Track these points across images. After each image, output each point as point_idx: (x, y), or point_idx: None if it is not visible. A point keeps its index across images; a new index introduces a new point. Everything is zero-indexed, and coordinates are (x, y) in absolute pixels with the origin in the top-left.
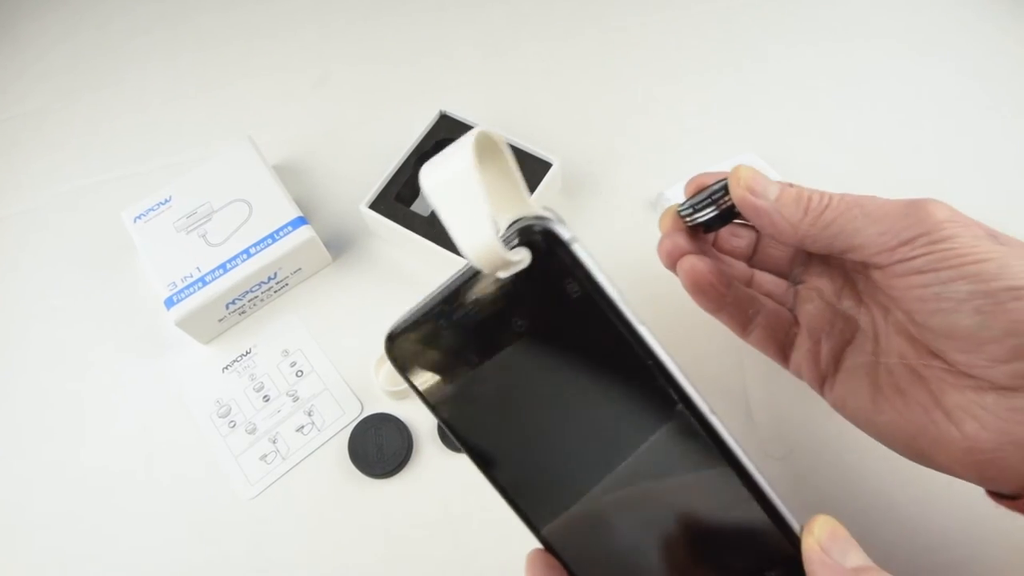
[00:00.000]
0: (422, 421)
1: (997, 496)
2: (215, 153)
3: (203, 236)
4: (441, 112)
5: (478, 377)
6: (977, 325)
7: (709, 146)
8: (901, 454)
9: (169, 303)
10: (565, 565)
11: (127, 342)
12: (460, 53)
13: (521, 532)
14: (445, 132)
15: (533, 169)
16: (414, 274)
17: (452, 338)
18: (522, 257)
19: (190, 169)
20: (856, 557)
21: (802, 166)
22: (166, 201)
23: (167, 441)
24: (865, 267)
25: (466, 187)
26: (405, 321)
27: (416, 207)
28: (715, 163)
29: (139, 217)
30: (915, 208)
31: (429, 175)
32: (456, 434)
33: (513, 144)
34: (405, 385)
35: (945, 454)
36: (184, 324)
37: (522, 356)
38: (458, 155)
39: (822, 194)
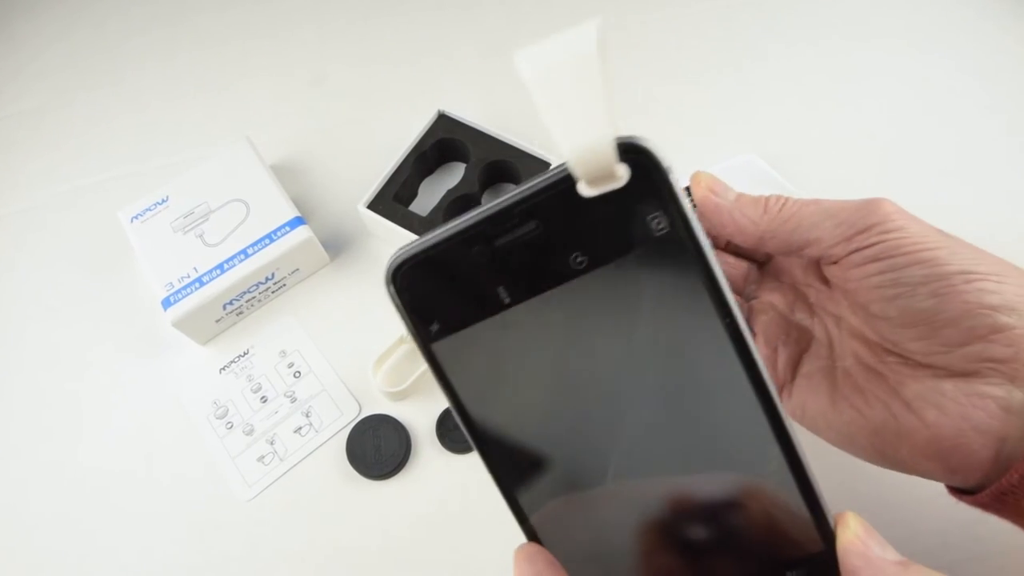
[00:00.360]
0: (420, 422)
1: (958, 492)
2: (212, 153)
3: (200, 236)
4: (439, 112)
5: (504, 323)
6: (933, 308)
7: (709, 146)
8: (863, 456)
9: (166, 303)
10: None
11: (124, 343)
12: (459, 53)
13: (520, 533)
14: (443, 132)
15: (532, 169)
16: None
17: (485, 269)
18: (623, 173)
19: (187, 169)
20: (893, 552)
21: (802, 166)
22: (163, 201)
23: (164, 442)
24: (819, 266)
25: (585, 75)
26: (425, 244)
27: (414, 207)
28: (715, 163)
29: (136, 217)
30: (867, 203)
31: (533, 58)
32: (461, 399)
33: (511, 144)
34: (404, 385)
35: (908, 447)
36: (181, 325)
37: (569, 300)
38: (577, 40)
39: (778, 196)
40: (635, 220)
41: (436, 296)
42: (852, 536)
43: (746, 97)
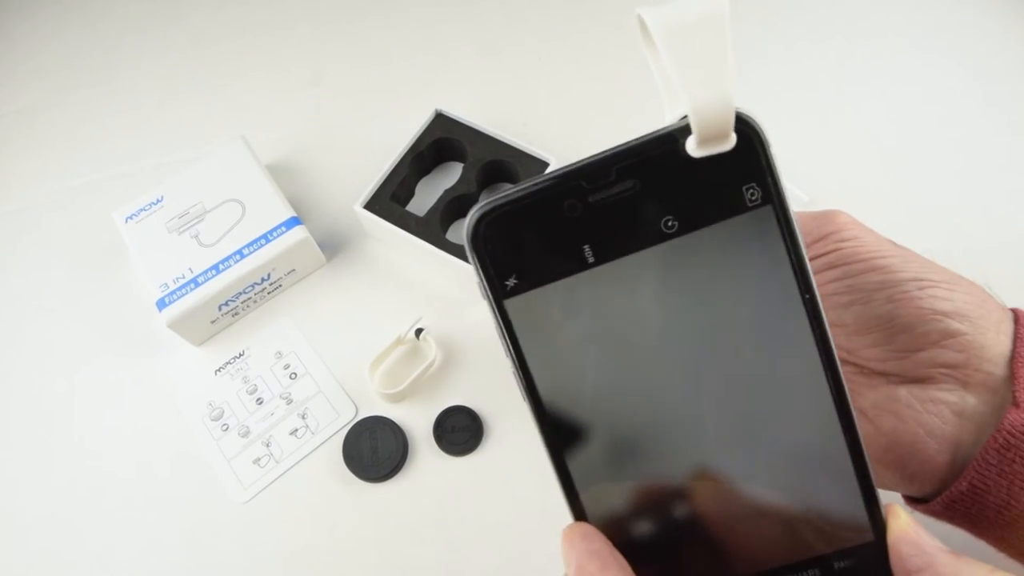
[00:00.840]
0: (418, 424)
1: (913, 502)
2: (208, 152)
3: (195, 236)
4: (437, 111)
5: (584, 282)
6: (888, 314)
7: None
8: None
9: (161, 304)
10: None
11: (118, 344)
12: (456, 51)
13: (518, 536)
14: (441, 131)
15: (530, 169)
16: (409, 275)
17: (574, 225)
18: (733, 138)
19: (182, 169)
20: (942, 544)
21: (802, 166)
22: (158, 201)
23: (159, 444)
24: None
25: (714, 33)
26: (516, 193)
27: (412, 207)
28: None
29: (131, 217)
30: (823, 213)
31: (661, 14)
32: (527, 362)
33: (509, 143)
34: (401, 387)
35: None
36: (176, 326)
37: (654, 264)
38: (709, 2)
39: None
40: (731, 189)
41: (518, 249)
42: (904, 525)
43: (746, 95)
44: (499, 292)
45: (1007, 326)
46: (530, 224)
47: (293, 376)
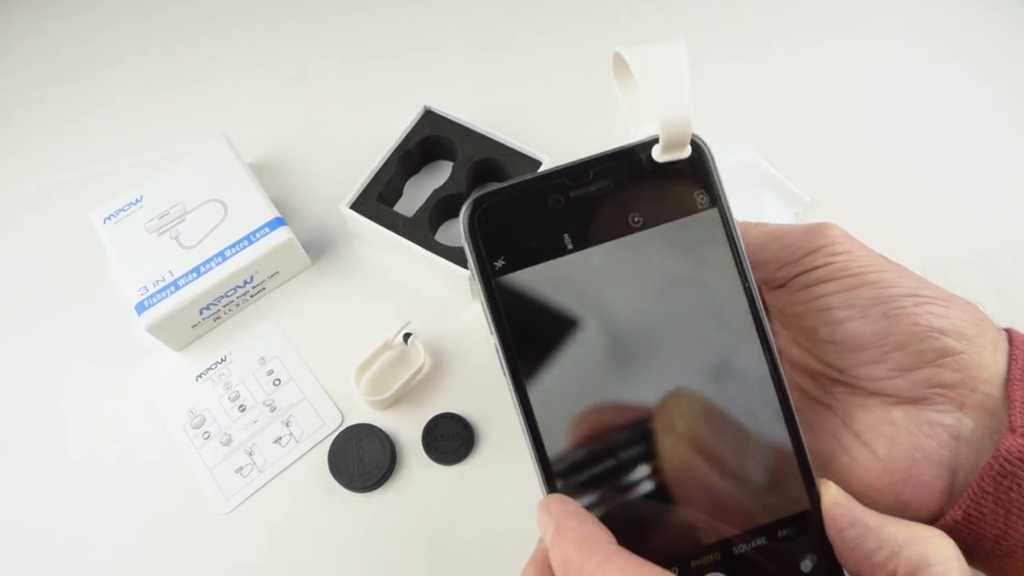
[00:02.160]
0: (406, 432)
1: None
2: (189, 151)
3: (176, 238)
4: (426, 108)
5: (563, 266)
6: (883, 330)
7: (708, 143)
8: None
9: (140, 308)
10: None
11: (96, 349)
12: (446, 46)
13: (511, 549)
14: (430, 129)
15: (522, 168)
16: (397, 278)
17: (557, 216)
18: (689, 150)
19: (162, 168)
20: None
21: (804, 164)
22: (137, 201)
23: (137, 452)
24: (762, 290)
25: (677, 66)
26: (508, 185)
27: (399, 208)
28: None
29: (109, 218)
30: (814, 226)
31: (637, 52)
32: (510, 336)
33: (500, 141)
34: (388, 393)
35: (859, 481)
36: (156, 330)
37: (623, 252)
38: (668, 43)
39: None
40: (685, 194)
41: (507, 235)
42: (836, 493)
43: (747, 94)
44: (488, 272)
45: (1002, 346)
46: (519, 213)
47: (277, 382)
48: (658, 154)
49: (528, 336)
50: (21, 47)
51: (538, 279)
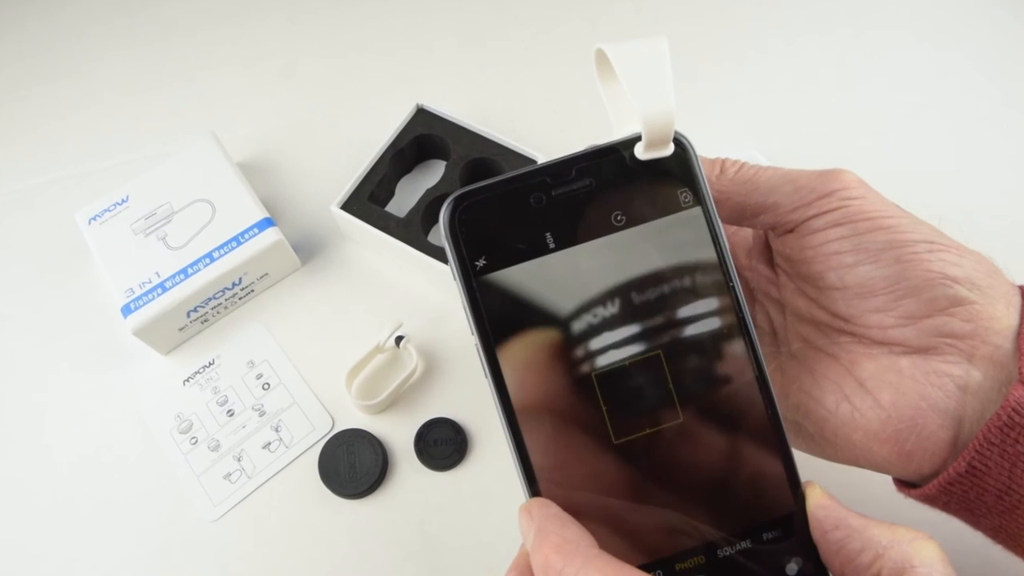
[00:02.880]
0: (398, 437)
1: (904, 486)
2: (176, 150)
3: (163, 239)
4: (418, 106)
5: (545, 265)
6: (895, 275)
7: (707, 140)
8: (808, 447)
9: (126, 311)
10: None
11: (81, 352)
12: (439, 42)
13: (505, 556)
14: (422, 127)
15: (516, 167)
16: (389, 279)
17: (539, 215)
18: (672, 147)
19: (149, 167)
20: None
21: (805, 163)
22: (123, 201)
23: (124, 458)
24: (765, 247)
25: (659, 63)
26: (489, 183)
27: (391, 208)
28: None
29: (94, 218)
30: (828, 171)
31: (618, 47)
32: (491, 337)
33: (495, 140)
34: (380, 398)
35: (862, 430)
36: (142, 333)
37: (605, 251)
38: (650, 39)
39: (735, 160)
40: (669, 192)
41: (489, 233)
42: (820, 495)
43: (747, 90)
44: (469, 271)
45: (1016, 300)
46: (501, 211)
47: (266, 386)
48: (641, 152)
49: (511, 339)
50: (5, 44)
51: (520, 278)
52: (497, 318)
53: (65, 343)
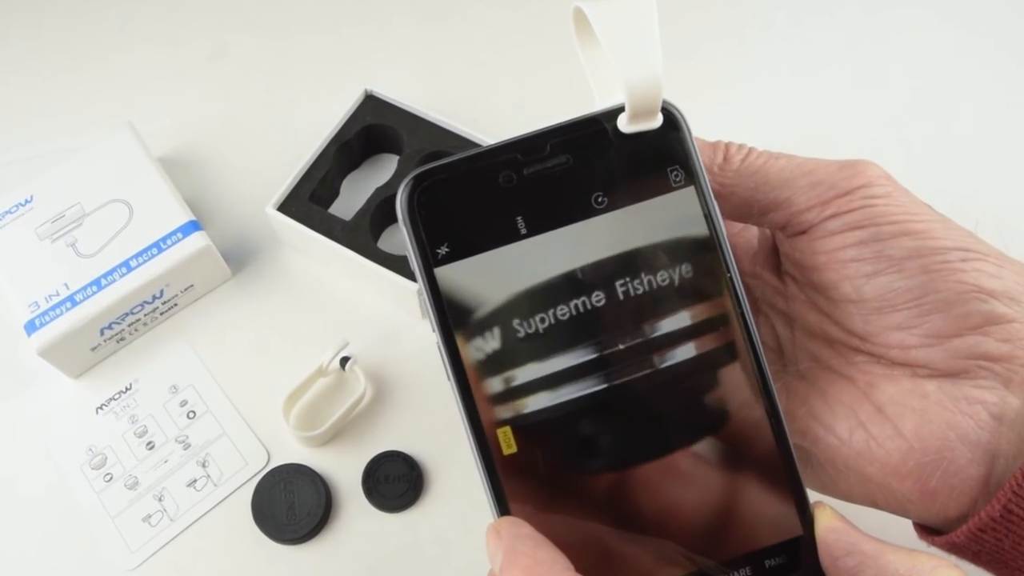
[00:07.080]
0: (344, 474)
1: (927, 533)
2: (87, 143)
3: (72, 245)
4: (367, 92)
5: (516, 253)
6: (921, 288)
7: (706, 129)
8: (815, 484)
9: (30, 327)
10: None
11: None
12: (392, 20)
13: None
14: (372, 117)
15: None
16: (333, 292)
17: (509, 196)
18: (660, 118)
19: (56, 163)
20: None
21: (811, 154)
22: (26, 202)
23: (27, 498)
24: (772, 252)
25: (645, 21)
26: (451, 161)
27: (335, 209)
28: None
29: None
30: (851, 164)
31: (598, 5)
32: (453, 334)
33: (455, 131)
34: (322, 428)
35: (879, 464)
36: (49, 354)
37: (584, 237)
38: None
39: (740, 144)
40: (657, 170)
41: (451, 218)
42: (831, 517)
43: (749, 74)
44: (430, 260)
45: None
46: (465, 193)
47: (191, 415)
48: (624, 124)
49: (475, 336)
50: None
51: (487, 268)
52: (461, 313)
53: None
